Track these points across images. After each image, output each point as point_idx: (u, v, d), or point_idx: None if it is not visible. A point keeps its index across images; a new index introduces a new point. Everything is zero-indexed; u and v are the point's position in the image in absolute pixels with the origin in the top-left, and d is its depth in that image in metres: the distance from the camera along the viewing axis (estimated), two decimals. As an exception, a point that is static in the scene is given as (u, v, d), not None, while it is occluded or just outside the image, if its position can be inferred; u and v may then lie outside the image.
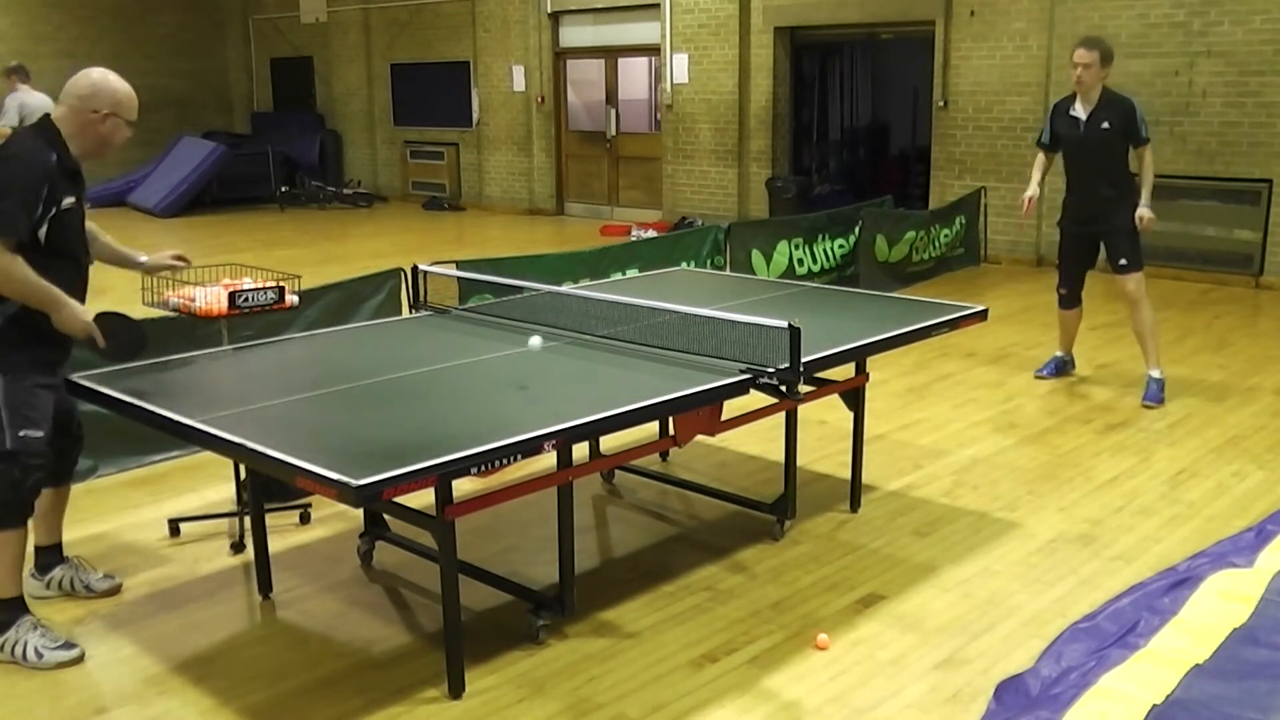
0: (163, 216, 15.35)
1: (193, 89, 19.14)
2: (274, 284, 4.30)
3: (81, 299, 3.66)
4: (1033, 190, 6.47)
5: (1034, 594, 3.98)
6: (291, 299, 4.36)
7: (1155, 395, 6.16)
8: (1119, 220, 6.17)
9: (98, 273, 3.85)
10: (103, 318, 3.63)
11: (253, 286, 4.26)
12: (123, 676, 3.50)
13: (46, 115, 3.69)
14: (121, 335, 3.68)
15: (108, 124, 3.62)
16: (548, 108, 15.36)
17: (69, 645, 3.59)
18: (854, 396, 4.60)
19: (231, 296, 4.16)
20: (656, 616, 3.83)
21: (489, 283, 5.51)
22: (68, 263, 3.61)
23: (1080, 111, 6.18)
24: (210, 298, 4.18)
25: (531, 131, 15.53)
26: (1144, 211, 6.07)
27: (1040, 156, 6.57)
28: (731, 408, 3.97)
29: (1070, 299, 6.60)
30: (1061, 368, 6.75)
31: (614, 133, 15.00)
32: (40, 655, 3.53)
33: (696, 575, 4.15)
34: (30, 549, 3.97)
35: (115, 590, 4.05)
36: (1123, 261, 6.21)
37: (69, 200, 3.55)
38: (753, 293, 5.22)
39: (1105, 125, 6.10)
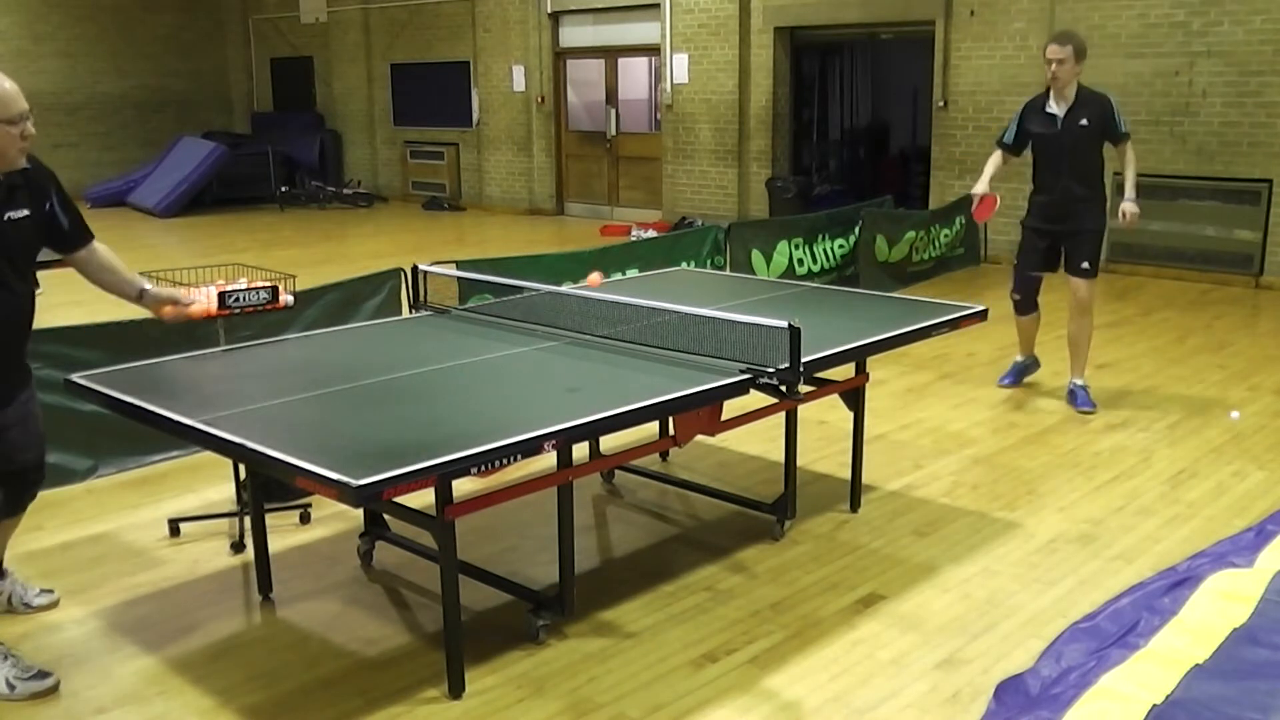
0: (163, 216, 15.36)
1: (193, 89, 19.15)
2: (267, 284, 4.28)
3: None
4: (983, 187, 6.14)
5: (1034, 594, 3.98)
6: (286, 299, 4.34)
7: (1088, 400, 6.07)
8: (1088, 222, 5.99)
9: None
10: None
11: (244, 286, 4.25)
12: (123, 676, 3.50)
13: None
14: None
15: None
16: (548, 108, 15.36)
17: (42, 674, 3.42)
18: (854, 396, 4.60)
19: (221, 296, 4.14)
20: (656, 616, 3.83)
21: (489, 283, 5.51)
22: None
23: (1057, 109, 5.95)
24: (201, 298, 4.16)
25: (531, 131, 15.53)
26: (1129, 205, 5.92)
27: (996, 155, 6.25)
28: (731, 408, 3.97)
29: (1026, 304, 6.33)
30: (1024, 372, 6.52)
31: (614, 133, 15.00)
32: (12, 687, 3.37)
33: (696, 575, 4.15)
34: None
35: (54, 605, 3.96)
36: (1085, 265, 6.01)
37: None
38: (753, 293, 5.22)
39: (1084, 122, 5.89)
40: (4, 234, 3.34)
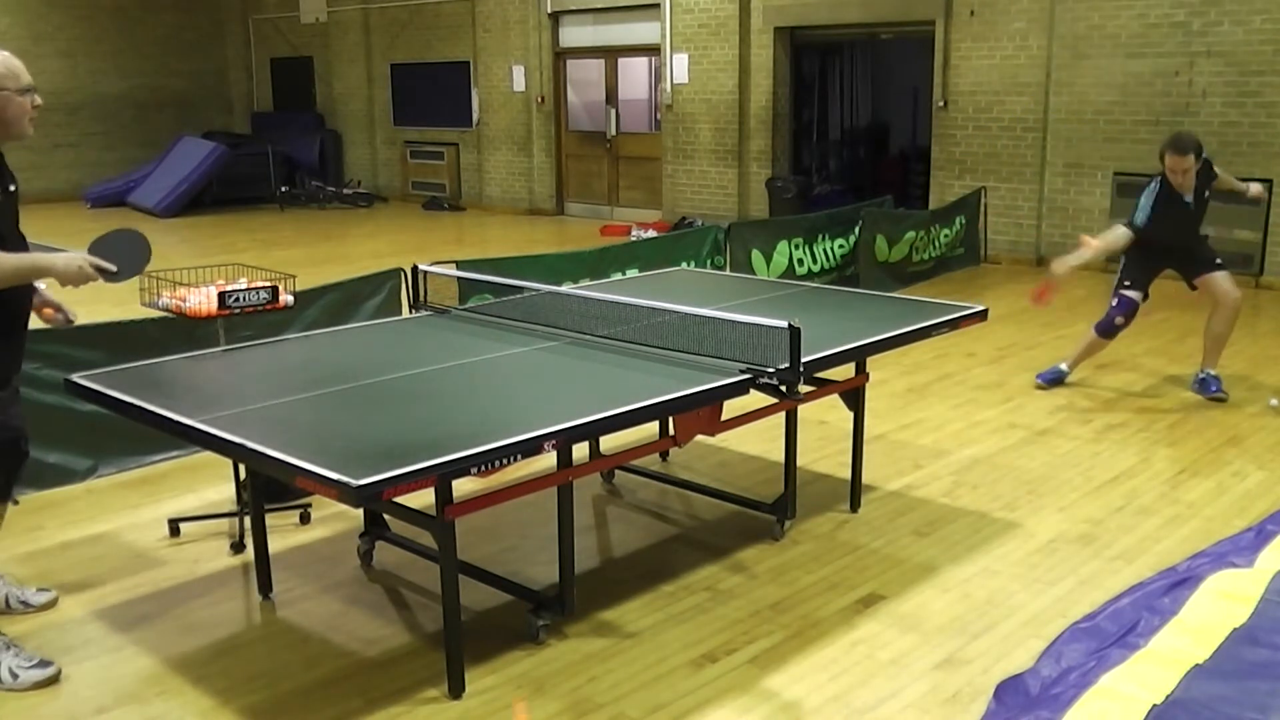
0: (163, 216, 15.35)
1: (193, 89, 19.14)
2: (267, 284, 4.28)
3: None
4: (1066, 268, 6.07)
5: (1034, 594, 3.98)
6: (286, 299, 4.34)
7: (1221, 388, 6.37)
8: (1201, 232, 6.53)
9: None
10: (98, 244, 3.48)
11: (244, 287, 4.25)
12: (123, 676, 3.50)
13: None
14: (123, 250, 3.53)
15: None
16: (548, 108, 15.36)
17: (44, 663, 3.46)
18: (854, 396, 4.60)
19: (221, 297, 4.15)
20: (656, 616, 3.83)
21: (489, 283, 5.51)
22: None
23: (1189, 196, 6.30)
24: (201, 298, 4.17)
25: (531, 131, 15.53)
26: (1257, 186, 6.54)
27: (1119, 235, 6.22)
28: (731, 408, 3.97)
29: (1121, 329, 6.49)
30: (1058, 380, 6.66)
31: (614, 133, 15.00)
32: (15, 676, 3.40)
33: (696, 575, 4.15)
34: None
35: (53, 603, 3.96)
36: (1218, 260, 6.47)
37: None
38: (753, 293, 5.22)
39: (1206, 194, 6.37)
40: (3, 208, 3.38)
